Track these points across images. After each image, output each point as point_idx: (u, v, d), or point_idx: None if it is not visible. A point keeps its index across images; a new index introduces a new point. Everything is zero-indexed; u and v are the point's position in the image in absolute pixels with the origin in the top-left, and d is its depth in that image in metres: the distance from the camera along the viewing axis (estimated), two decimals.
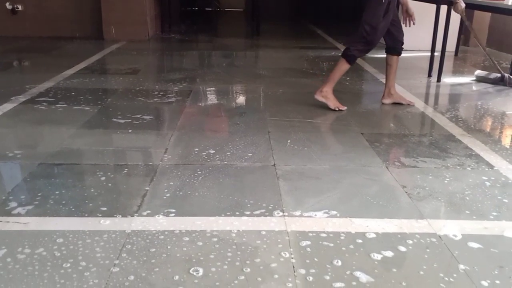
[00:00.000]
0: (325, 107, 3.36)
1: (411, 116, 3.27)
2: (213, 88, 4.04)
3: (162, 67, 5.25)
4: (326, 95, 3.30)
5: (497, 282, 1.47)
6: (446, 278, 1.48)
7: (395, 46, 3.37)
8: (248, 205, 1.92)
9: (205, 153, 2.48)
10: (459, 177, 2.26)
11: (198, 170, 2.27)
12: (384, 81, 3.62)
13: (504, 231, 1.77)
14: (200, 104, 3.53)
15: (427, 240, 1.69)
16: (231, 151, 2.52)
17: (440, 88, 4.22)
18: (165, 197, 1.98)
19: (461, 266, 1.54)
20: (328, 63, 5.23)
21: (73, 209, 1.86)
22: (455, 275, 1.50)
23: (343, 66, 3.26)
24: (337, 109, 3.30)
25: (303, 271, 1.49)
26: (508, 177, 2.26)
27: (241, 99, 3.79)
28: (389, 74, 3.46)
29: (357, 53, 3.22)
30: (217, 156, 2.45)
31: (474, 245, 1.68)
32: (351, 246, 1.64)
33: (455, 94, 4.09)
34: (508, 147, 2.72)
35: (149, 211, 1.86)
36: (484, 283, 1.46)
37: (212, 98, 3.77)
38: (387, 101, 3.50)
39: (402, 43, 3.38)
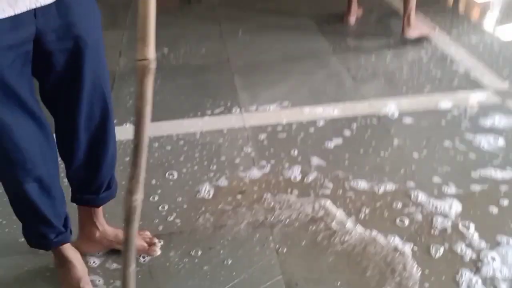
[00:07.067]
0: None
1: None
2: None
3: None
4: (416, 25, 2.52)
5: (424, 152, 1.74)
6: (382, 154, 1.74)
7: None
8: (208, 105, 2.07)
9: (159, 53, 2.53)
10: (400, 54, 2.44)
11: (156, 72, 2.34)
12: None
13: (436, 104, 2.02)
14: None
15: (368, 121, 1.92)
16: (185, 49, 2.57)
17: None
18: (128, 105, 2.09)
19: (395, 141, 1.80)
20: None
21: None
22: (390, 149, 1.76)
23: None
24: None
25: (263, 163, 1.71)
26: (445, 51, 2.45)
27: None
28: None
29: None
30: (172, 54, 2.50)
31: (408, 120, 1.92)
32: (302, 135, 1.86)
33: None
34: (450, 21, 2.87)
35: (115, 121, 1.97)
36: (415, 155, 1.72)
37: None
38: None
39: None
